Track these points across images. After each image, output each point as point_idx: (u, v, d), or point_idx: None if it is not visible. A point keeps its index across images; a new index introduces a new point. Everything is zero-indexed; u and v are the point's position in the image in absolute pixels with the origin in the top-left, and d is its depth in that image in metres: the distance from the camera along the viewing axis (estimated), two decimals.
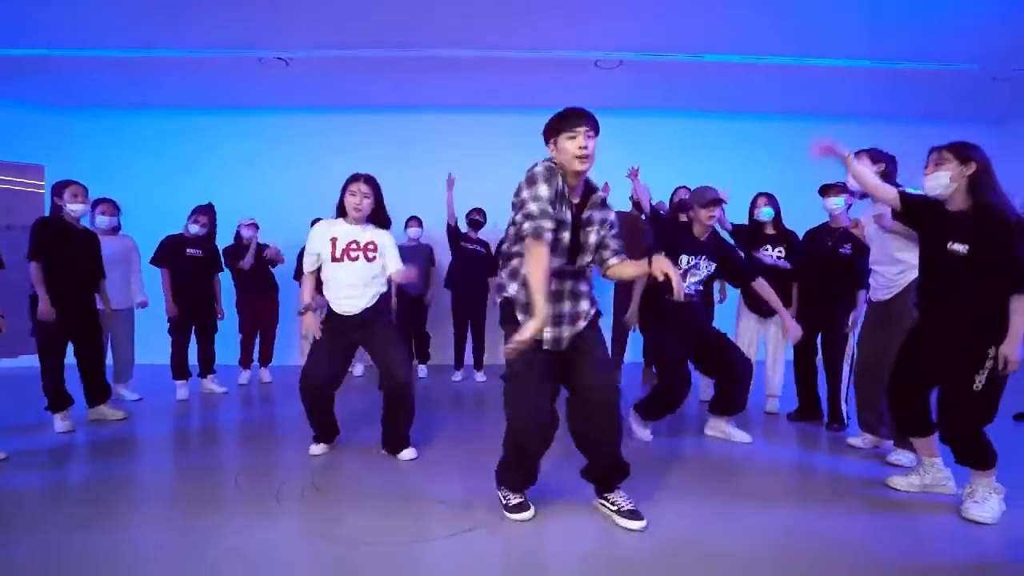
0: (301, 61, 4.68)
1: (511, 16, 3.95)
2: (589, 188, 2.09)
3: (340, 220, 2.85)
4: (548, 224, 1.87)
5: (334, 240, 2.79)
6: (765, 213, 3.75)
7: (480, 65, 4.71)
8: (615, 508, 2.14)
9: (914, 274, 2.50)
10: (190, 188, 5.45)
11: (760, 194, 3.83)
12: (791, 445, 3.21)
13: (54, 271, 3.24)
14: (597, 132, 1.98)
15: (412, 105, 5.71)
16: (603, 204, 2.11)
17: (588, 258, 2.09)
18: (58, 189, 3.35)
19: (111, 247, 3.89)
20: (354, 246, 2.79)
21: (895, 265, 2.77)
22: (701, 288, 3.19)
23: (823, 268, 3.45)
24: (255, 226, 4.76)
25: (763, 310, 3.81)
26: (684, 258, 3.07)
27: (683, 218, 4.16)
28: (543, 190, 1.90)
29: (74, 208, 3.34)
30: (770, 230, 3.78)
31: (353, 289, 2.78)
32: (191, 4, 3.76)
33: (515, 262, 2.05)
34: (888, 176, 2.78)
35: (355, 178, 2.82)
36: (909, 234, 2.56)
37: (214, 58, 4.59)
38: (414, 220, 5.06)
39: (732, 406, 3.15)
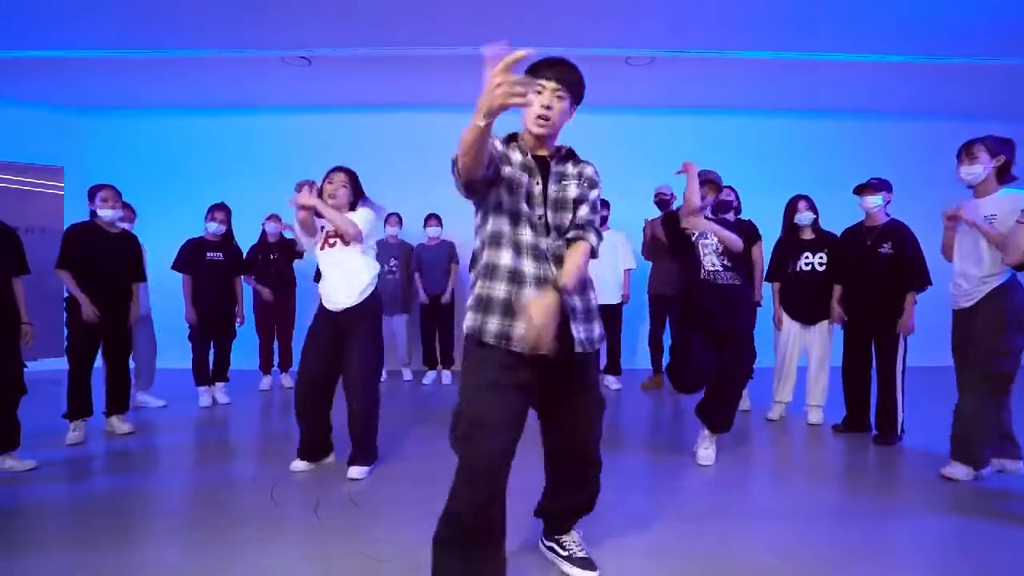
0: (324, 60, 4.59)
1: (538, 12, 3.84)
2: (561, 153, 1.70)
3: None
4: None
5: (323, 228, 2.75)
6: (806, 218, 3.61)
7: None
8: (566, 554, 1.85)
9: (999, 281, 2.51)
10: (212, 188, 5.37)
11: (799, 197, 3.68)
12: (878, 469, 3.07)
13: (84, 277, 3.19)
14: (575, 95, 1.60)
15: (435, 104, 5.58)
16: (573, 157, 1.71)
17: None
18: (91, 194, 3.31)
19: None
20: (332, 232, 2.72)
21: (980, 270, 2.60)
22: (728, 264, 2.83)
23: (864, 268, 3.31)
24: (277, 218, 4.69)
25: (804, 316, 3.67)
26: (693, 234, 2.88)
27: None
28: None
29: (104, 213, 3.27)
30: (808, 235, 3.64)
31: (334, 279, 2.69)
32: (212, 3, 3.70)
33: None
34: (1009, 167, 2.62)
35: (332, 169, 2.80)
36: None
37: (236, 57, 4.51)
38: (432, 218, 4.95)
39: (708, 417, 2.88)
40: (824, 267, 3.57)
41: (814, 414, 3.68)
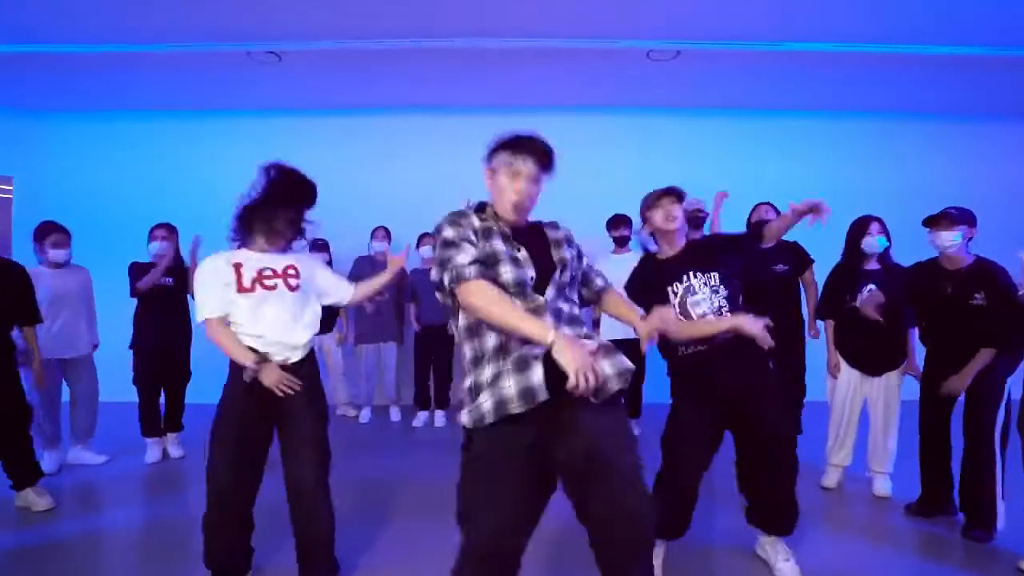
0: (296, 55, 3.98)
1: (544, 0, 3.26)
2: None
3: (243, 250, 2.06)
4: (465, 259, 1.46)
5: (237, 266, 2.00)
6: (879, 243, 2.94)
7: (508, 57, 3.97)
8: None
9: None
10: (174, 199, 4.82)
11: (870, 218, 3.00)
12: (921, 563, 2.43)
13: None
14: (547, 170, 1.57)
15: (429, 104, 4.94)
16: (554, 225, 1.70)
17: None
18: None
19: (65, 283, 3.27)
20: (268, 273, 2.01)
21: None
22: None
23: (946, 322, 2.63)
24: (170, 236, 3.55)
25: (868, 365, 3.03)
26: (669, 290, 2.08)
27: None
28: (450, 233, 1.51)
29: None
30: (873, 264, 2.99)
31: (273, 331, 1.98)
32: None
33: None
34: None
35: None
36: None
37: (198, 53, 3.91)
38: (428, 238, 4.30)
39: (765, 519, 2.20)
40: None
41: (880, 483, 3.03)
